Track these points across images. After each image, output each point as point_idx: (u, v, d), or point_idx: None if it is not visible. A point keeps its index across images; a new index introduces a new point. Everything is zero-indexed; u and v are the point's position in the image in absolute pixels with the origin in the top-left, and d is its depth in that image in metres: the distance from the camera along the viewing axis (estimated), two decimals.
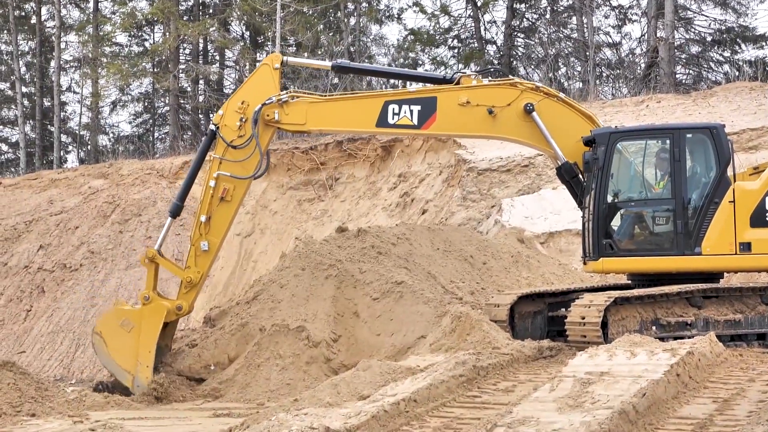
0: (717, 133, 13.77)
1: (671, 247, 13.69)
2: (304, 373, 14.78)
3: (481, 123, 14.99)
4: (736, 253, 13.54)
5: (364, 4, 43.96)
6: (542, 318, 15.00)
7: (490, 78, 15.55)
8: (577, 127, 14.92)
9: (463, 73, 15.50)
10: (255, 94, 15.08)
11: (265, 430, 8.04)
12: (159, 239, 15.56)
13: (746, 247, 13.53)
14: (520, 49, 44.69)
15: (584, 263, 14.82)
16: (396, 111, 14.95)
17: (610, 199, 13.98)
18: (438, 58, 45.43)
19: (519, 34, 44.91)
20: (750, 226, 13.57)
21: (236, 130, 14.96)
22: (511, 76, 16.08)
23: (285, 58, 15.57)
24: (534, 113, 14.81)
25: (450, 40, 45.78)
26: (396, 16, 45.65)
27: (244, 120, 14.92)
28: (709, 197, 13.62)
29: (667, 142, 13.95)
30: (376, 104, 15.05)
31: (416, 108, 14.95)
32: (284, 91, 15.38)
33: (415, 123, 15.00)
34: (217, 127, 15.10)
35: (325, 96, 15.69)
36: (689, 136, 13.97)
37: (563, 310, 14.29)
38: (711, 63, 41.65)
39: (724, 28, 40.52)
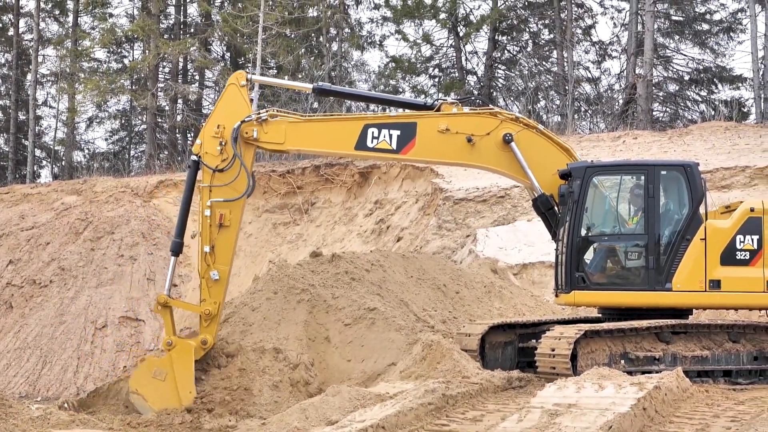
0: (691, 171, 13.90)
1: (642, 282, 13.77)
2: (288, 394, 14.66)
3: (459, 151, 14.98)
4: (705, 290, 13.64)
5: (346, 30, 44.16)
6: (513, 349, 15.02)
7: (470, 106, 15.56)
8: (554, 159, 14.98)
9: (444, 100, 15.48)
10: (228, 116, 14.92)
11: None
12: (167, 282, 15.13)
13: (716, 284, 13.64)
14: (500, 80, 45.02)
15: (556, 295, 14.86)
16: (375, 135, 14.90)
17: (583, 232, 14.05)
18: (418, 86, 45.76)
19: (500, 66, 45.24)
20: (720, 264, 13.69)
21: (218, 155, 14.77)
22: (491, 106, 16.07)
23: (249, 75, 15.46)
24: (512, 143, 14.83)
25: (431, 68, 46.10)
26: (378, 43, 45.97)
27: (223, 143, 14.75)
28: (681, 234, 13.73)
29: (642, 178, 14.04)
30: (356, 127, 14.99)
31: (396, 133, 14.92)
32: (264, 110, 15.33)
33: (394, 147, 14.94)
34: (199, 157, 14.91)
35: (305, 116, 15.64)
36: (663, 173, 14.09)
37: (534, 341, 14.30)
38: (688, 102, 42.13)
39: (701, 67, 41.06)
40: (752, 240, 13.74)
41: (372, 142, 14.93)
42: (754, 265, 13.70)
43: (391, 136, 14.90)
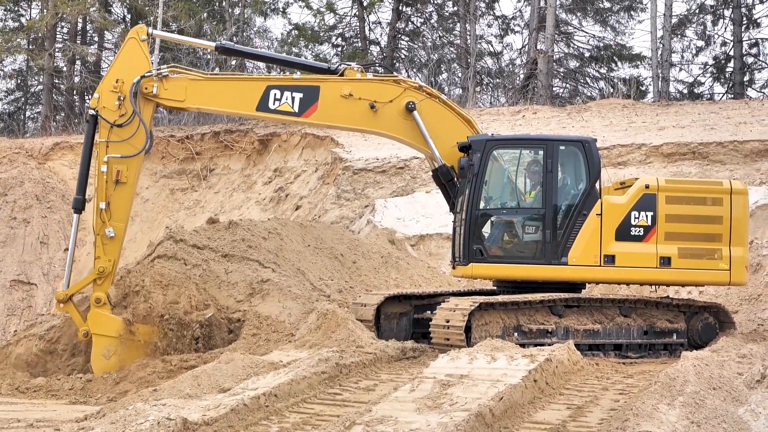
0: (589, 146, 14.08)
1: (539, 256, 13.94)
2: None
3: (361, 117, 14.95)
4: (600, 265, 13.88)
5: None
6: (408, 319, 15.07)
7: (374, 73, 15.54)
8: (456, 130, 15.02)
9: (348, 65, 15.41)
10: (128, 70, 14.58)
11: (120, 420, 7.80)
12: (66, 274, 14.82)
13: (610, 259, 13.89)
14: (403, 51, 44.95)
15: (453, 267, 14.94)
16: (278, 96, 14.78)
17: (482, 205, 14.13)
18: (321, 55, 45.28)
19: (403, 37, 45.16)
20: (615, 240, 13.93)
21: (116, 110, 14.44)
22: (395, 74, 16.03)
23: (149, 29, 15.07)
24: (415, 112, 14.85)
25: (334, 37, 45.74)
26: (281, 9, 45.32)
27: (122, 98, 14.42)
28: (577, 209, 13.91)
29: (541, 152, 14.19)
30: (258, 87, 14.84)
31: (298, 95, 14.81)
32: (165, 66, 15.05)
33: (296, 110, 14.84)
34: (97, 111, 14.55)
35: (207, 74, 15.40)
36: (562, 148, 14.24)
37: (429, 312, 14.37)
38: (587, 78, 42.72)
39: (602, 45, 41.62)
40: (647, 216, 14.02)
41: (274, 104, 14.82)
42: (648, 241, 13.99)
43: (293, 98, 14.80)
